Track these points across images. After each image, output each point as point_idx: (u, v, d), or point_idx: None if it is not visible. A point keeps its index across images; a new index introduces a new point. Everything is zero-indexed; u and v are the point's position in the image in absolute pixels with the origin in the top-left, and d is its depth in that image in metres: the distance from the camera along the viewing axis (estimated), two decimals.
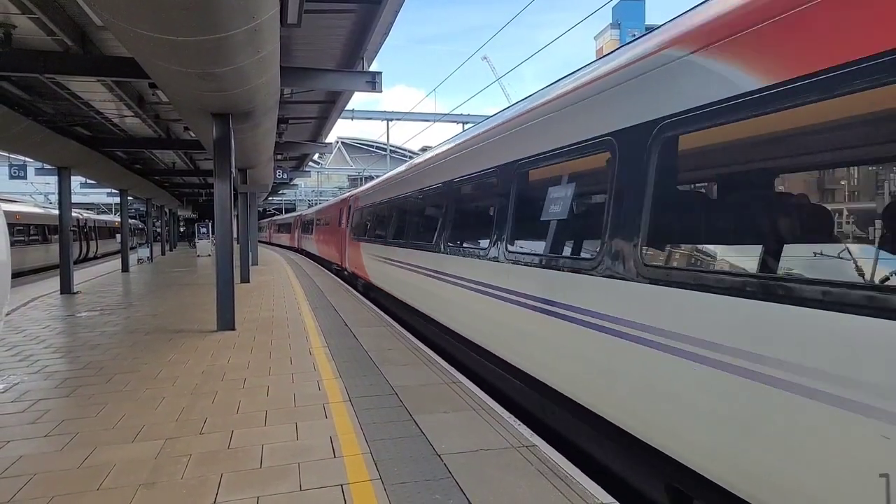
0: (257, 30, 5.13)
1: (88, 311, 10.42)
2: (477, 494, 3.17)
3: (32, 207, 26.90)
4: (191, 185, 30.19)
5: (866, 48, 2.00)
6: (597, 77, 3.87)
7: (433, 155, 8.29)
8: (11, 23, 7.44)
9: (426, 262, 7.67)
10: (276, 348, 7.10)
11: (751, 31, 2.53)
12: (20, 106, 10.91)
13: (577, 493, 3.20)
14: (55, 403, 4.95)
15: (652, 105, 3.20)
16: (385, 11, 7.81)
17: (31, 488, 3.32)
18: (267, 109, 9.00)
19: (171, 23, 4.68)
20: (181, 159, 21.11)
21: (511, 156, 5.08)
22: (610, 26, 61.02)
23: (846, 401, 1.99)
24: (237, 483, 3.36)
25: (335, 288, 14.25)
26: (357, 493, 3.21)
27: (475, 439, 3.99)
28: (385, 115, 40.73)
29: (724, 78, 2.66)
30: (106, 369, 6.10)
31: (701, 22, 2.99)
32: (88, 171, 17.48)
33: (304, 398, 5.03)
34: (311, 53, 9.92)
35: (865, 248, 2.29)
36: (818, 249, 2.41)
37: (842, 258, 2.28)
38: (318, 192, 58.78)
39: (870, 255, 2.21)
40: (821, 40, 2.20)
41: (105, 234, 37.33)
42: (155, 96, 10.79)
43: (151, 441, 4.04)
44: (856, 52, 2.03)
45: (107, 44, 8.53)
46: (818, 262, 2.38)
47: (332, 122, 15.88)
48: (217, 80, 6.31)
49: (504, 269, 5.00)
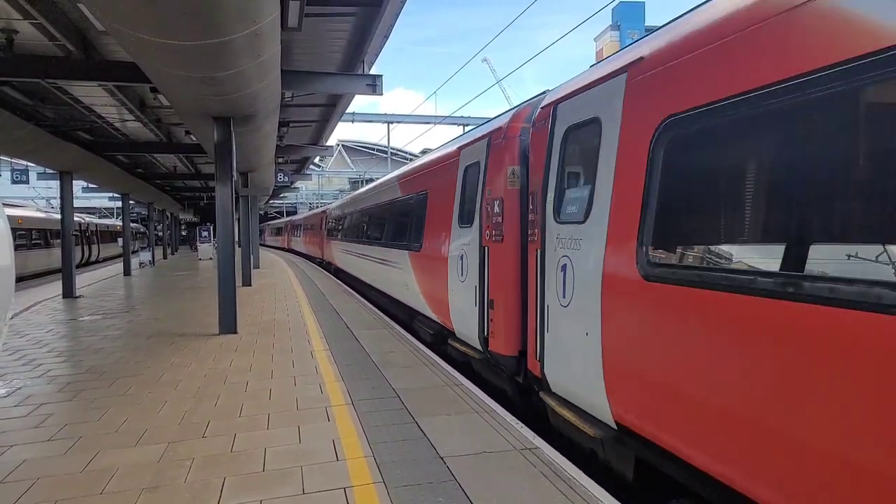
0: (258, 34, 5.14)
1: (91, 315, 10.43)
2: (480, 497, 3.17)
3: (34, 212, 26.95)
4: (192, 188, 30.25)
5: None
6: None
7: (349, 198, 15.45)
8: (13, 28, 7.47)
9: (360, 250, 13.76)
10: (279, 351, 7.10)
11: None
12: (22, 111, 10.93)
13: (580, 496, 3.19)
14: (58, 407, 4.96)
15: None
16: (385, 14, 7.83)
17: (35, 493, 3.32)
18: (268, 113, 9.02)
19: (172, 27, 4.69)
20: (182, 163, 21.14)
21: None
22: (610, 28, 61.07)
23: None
24: (240, 486, 3.36)
25: (336, 290, 14.25)
26: (360, 497, 3.21)
27: (478, 442, 3.99)
28: (386, 117, 40.72)
29: None
30: (108, 373, 6.10)
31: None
32: (90, 176, 17.52)
33: (307, 401, 5.03)
34: (311, 57, 9.94)
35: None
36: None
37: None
38: (319, 196, 58.82)
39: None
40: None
41: (107, 238, 37.40)
42: (156, 100, 10.81)
43: (154, 445, 4.04)
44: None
45: (108, 48, 8.56)
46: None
47: (332, 125, 15.89)
48: (218, 84, 6.33)
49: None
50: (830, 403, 2.08)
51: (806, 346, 2.17)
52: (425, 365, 6.27)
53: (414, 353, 6.87)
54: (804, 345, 2.18)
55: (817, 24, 2.21)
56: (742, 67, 2.55)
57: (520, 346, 5.17)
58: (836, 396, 2.06)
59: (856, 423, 1.99)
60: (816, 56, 2.19)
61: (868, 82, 2.02)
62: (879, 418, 1.91)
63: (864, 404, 1.96)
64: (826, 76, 2.15)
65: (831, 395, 2.07)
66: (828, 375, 2.08)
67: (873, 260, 2.03)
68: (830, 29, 2.15)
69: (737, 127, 2.61)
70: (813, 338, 2.14)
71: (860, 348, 1.97)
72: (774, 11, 2.42)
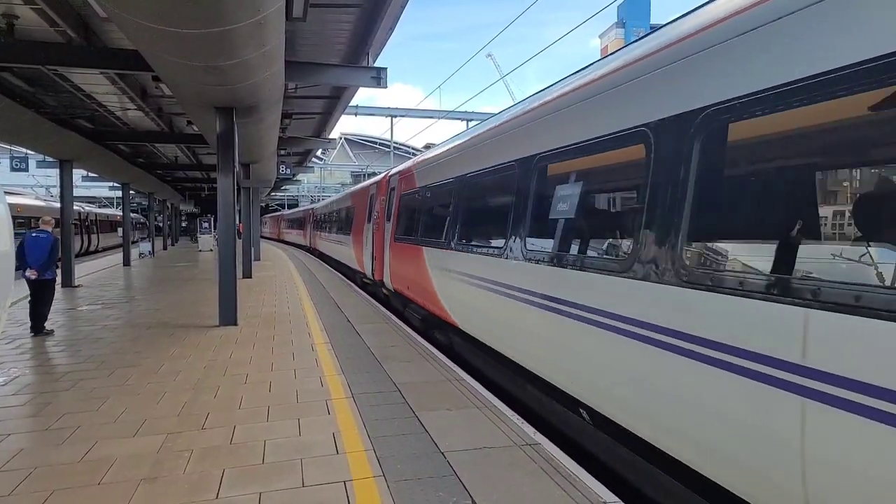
0: (262, 23, 5.08)
1: (90, 305, 10.40)
2: (481, 492, 3.14)
3: (34, 200, 26.89)
4: (193, 179, 30.18)
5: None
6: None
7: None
8: (14, 13, 7.40)
9: (328, 237, 22.66)
10: (279, 344, 7.08)
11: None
12: (22, 98, 10.87)
13: (580, 491, 3.17)
14: (56, 397, 4.93)
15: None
16: (391, 5, 7.75)
17: (32, 482, 3.29)
18: (271, 104, 8.96)
19: (175, 14, 4.63)
20: (184, 153, 21.09)
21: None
22: (615, 25, 60.81)
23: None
24: (239, 478, 3.34)
25: (337, 283, 14.23)
26: (360, 490, 3.19)
27: (479, 437, 3.96)
28: (389, 111, 40.60)
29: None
30: (107, 363, 6.08)
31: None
32: (90, 165, 17.45)
33: (307, 394, 5.01)
34: (316, 48, 9.86)
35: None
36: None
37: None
38: (321, 188, 58.77)
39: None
40: None
41: (106, 228, 37.31)
42: (158, 89, 10.73)
43: (153, 436, 4.01)
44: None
45: (110, 35, 8.49)
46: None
47: (336, 117, 15.82)
48: (221, 74, 6.27)
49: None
50: (416, 271, 8.14)
51: (412, 257, 8.44)
52: (426, 359, 6.25)
53: (414, 348, 6.85)
54: (412, 256, 8.43)
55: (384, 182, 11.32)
56: (408, 183, 9.39)
57: (381, 276, 11.00)
58: (417, 270, 8.07)
59: (420, 276, 7.84)
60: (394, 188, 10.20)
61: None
62: (421, 274, 7.77)
63: (420, 271, 7.84)
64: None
65: (416, 269, 8.11)
66: (416, 264, 8.06)
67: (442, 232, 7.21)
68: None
69: (418, 197, 8.76)
70: (412, 253, 8.45)
71: (418, 257, 7.98)
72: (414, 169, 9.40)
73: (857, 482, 2.01)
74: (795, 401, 2.19)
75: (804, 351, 2.17)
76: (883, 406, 1.89)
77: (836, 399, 2.05)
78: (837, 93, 2.17)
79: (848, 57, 2.12)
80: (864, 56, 2.06)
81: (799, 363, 2.19)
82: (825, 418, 2.09)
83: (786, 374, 2.23)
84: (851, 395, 1.99)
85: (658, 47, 3.37)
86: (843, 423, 2.02)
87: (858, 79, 2.08)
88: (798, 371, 2.19)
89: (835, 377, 2.06)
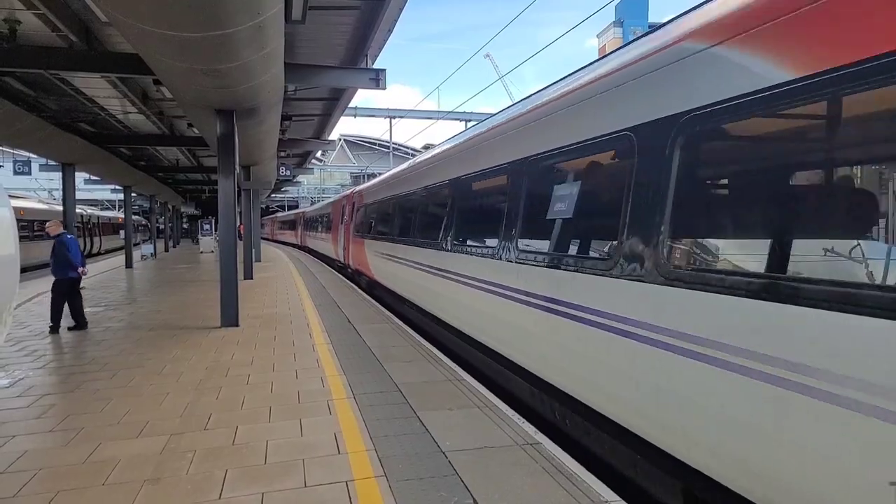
0: (262, 26, 5.11)
1: (93, 307, 10.44)
2: (482, 492, 3.17)
3: (37, 203, 26.97)
4: (194, 181, 30.25)
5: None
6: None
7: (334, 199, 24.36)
8: (16, 18, 7.45)
9: (314, 235, 28.03)
10: (280, 345, 7.11)
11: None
12: (25, 102, 10.92)
13: (581, 490, 3.19)
14: (60, 398, 4.97)
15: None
16: (389, 7, 7.79)
17: (37, 483, 3.33)
18: (271, 106, 9.00)
19: (175, 19, 4.67)
20: (185, 156, 21.14)
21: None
22: (612, 24, 60.74)
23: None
24: (242, 479, 3.37)
25: (338, 284, 14.26)
26: (362, 490, 3.21)
27: (480, 437, 3.99)
28: (388, 112, 40.60)
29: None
30: (110, 365, 6.11)
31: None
32: (92, 168, 17.55)
33: (308, 394, 5.04)
34: (315, 50, 9.90)
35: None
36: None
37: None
38: (321, 190, 58.81)
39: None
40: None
41: (108, 231, 37.41)
42: (159, 93, 10.77)
43: (156, 436, 4.05)
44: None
45: (111, 40, 8.54)
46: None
47: (335, 119, 15.87)
48: (221, 77, 6.31)
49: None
50: (361, 253, 13.55)
51: (360, 245, 13.79)
52: (427, 360, 6.28)
53: (415, 348, 6.87)
54: (360, 245, 13.77)
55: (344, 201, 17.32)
56: (360, 200, 14.82)
57: (349, 262, 15.67)
58: (361, 252, 13.47)
59: (363, 256, 13.13)
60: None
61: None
62: (364, 255, 13.10)
63: (362, 253, 13.28)
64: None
65: (361, 252, 13.50)
66: (361, 250, 13.44)
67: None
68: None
69: (371, 210, 13.03)
70: (360, 243, 13.74)
71: (363, 245, 13.33)
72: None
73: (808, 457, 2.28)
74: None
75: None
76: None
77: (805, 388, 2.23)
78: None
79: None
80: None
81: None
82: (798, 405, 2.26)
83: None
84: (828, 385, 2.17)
85: (637, 58, 3.59)
86: (815, 410, 2.18)
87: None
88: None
89: (800, 366, 2.23)
